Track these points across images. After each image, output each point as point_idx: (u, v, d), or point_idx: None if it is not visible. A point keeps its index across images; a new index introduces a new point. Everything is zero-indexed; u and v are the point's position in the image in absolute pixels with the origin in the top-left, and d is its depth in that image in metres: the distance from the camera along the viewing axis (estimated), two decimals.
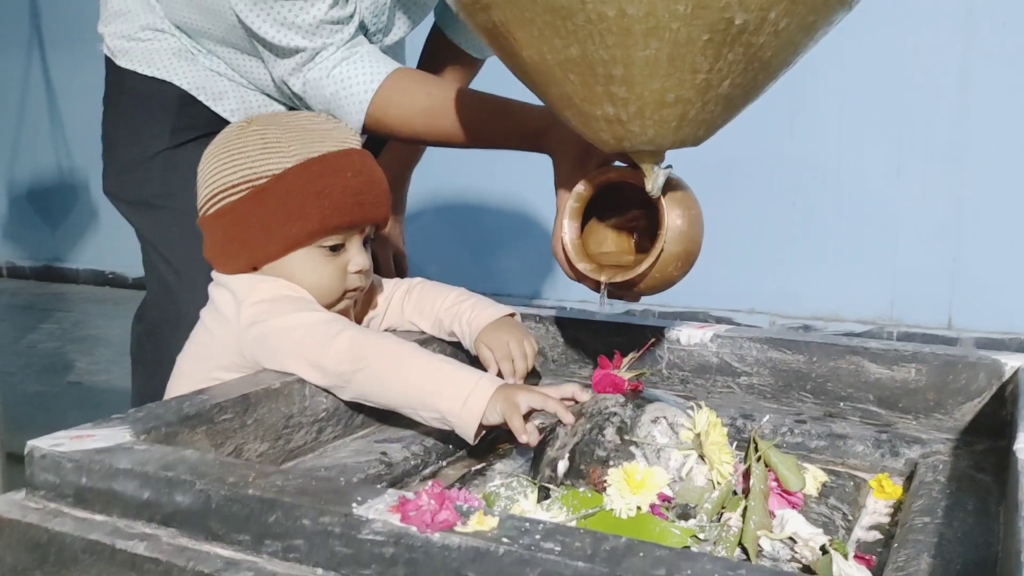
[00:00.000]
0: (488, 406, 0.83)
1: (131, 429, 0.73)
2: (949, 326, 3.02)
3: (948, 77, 2.87)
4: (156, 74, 1.22)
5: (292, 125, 0.98)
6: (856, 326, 3.15)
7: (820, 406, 1.04)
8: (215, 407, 0.80)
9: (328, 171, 0.95)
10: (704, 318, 3.36)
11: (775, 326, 3.27)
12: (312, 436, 0.90)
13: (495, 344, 1.02)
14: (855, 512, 0.84)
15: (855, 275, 3.11)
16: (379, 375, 0.87)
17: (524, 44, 0.67)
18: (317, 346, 0.88)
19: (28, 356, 3.30)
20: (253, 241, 0.96)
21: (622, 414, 0.81)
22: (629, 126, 0.68)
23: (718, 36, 0.62)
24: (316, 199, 0.94)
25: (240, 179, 0.95)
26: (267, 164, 0.95)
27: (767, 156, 3.17)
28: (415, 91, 1.10)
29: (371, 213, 0.99)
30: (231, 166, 0.96)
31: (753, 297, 3.31)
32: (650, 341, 1.08)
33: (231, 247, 0.97)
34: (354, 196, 0.96)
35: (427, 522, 0.55)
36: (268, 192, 0.94)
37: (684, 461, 0.77)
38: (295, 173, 0.94)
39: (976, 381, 0.96)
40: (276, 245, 0.95)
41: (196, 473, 0.63)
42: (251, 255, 0.96)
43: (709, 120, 0.69)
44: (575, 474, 0.79)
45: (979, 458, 0.90)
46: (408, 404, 0.87)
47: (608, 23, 0.61)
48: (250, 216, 0.95)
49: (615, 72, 0.64)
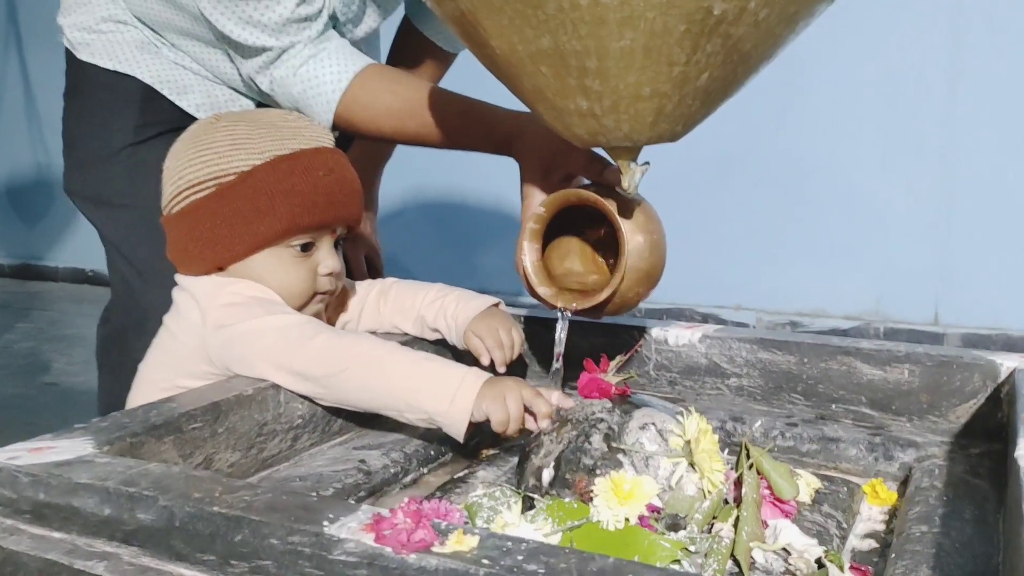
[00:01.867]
0: (475, 403, 0.80)
1: (94, 440, 0.69)
2: (936, 322, 3.01)
3: (936, 74, 2.85)
4: (118, 68, 1.17)
5: (262, 122, 0.95)
6: (843, 322, 3.13)
7: (811, 408, 1.01)
8: (184, 416, 0.76)
9: (299, 169, 0.92)
10: (690, 315, 3.34)
11: (762, 322, 3.25)
12: (287, 444, 0.86)
13: (485, 333, 1.00)
14: (849, 519, 0.81)
15: (842, 271, 3.10)
16: (360, 377, 0.83)
17: (493, 34, 0.63)
18: (291, 350, 0.84)
19: (3, 356, 3.24)
20: (219, 240, 0.91)
21: (609, 420, 0.78)
22: (604, 120, 0.65)
23: (695, 27, 0.58)
24: (285, 197, 0.91)
25: (207, 176, 0.91)
26: (235, 161, 0.91)
27: (755, 153, 3.15)
28: (382, 91, 1.06)
29: (342, 213, 0.95)
30: (198, 162, 0.92)
31: (740, 293, 3.29)
32: (637, 344, 1.05)
33: (196, 247, 0.93)
34: (325, 195, 0.93)
35: (403, 542, 0.52)
36: (236, 189, 0.91)
37: (674, 469, 0.74)
38: (264, 170, 0.91)
39: (971, 382, 0.94)
40: (243, 244, 0.91)
41: (159, 488, 0.60)
42: (217, 255, 0.92)
43: (687, 115, 0.65)
44: (561, 483, 0.76)
45: (975, 462, 0.88)
46: (392, 406, 0.84)
47: (580, 12, 0.58)
48: (217, 214, 0.91)
49: (588, 64, 0.61)
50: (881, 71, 2.91)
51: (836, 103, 3.00)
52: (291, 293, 0.93)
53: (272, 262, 0.92)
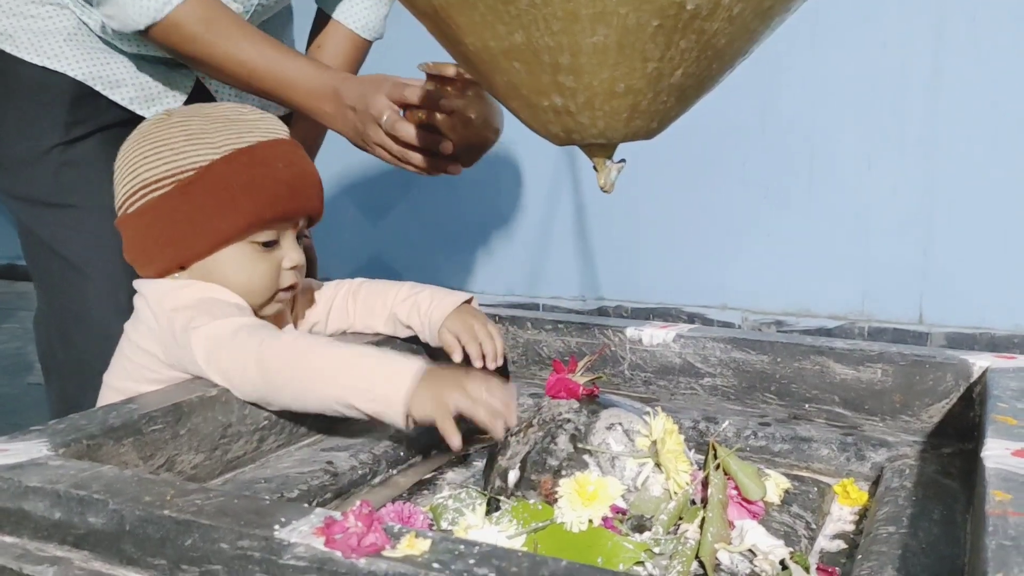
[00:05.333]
0: (415, 399, 0.75)
1: (49, 443, 0.68)
2: (920, 321, 3.01)
3: (919, 72, 2.86)
4: (46, 63, 1.13)
5: (216, 116, 0.93)
6: (828, 321, 3.13)
7: (785, 408, 1.01)
8: (144, 417, 0.75)
9: (258, 162, 0.90)
10: (676, 314, 3.34)
11: (748, 322, 3.25)
12: (253, 446, 0.85)
13: (460, 329, 0.99)
14: (819, 520, 0.81)
15: (827, 271, 3.10)
16: (296, 380, 0.80)
17: (466, 30, 0.62)
18: (231, 358, 0.82)
19: None
20: (181, 238, 0.89)
21: (576, 420, 0.77)
22: (578, 117, 0.64)
23: (669, 22, 0.58)
24: (247, 191, 0.89)
25: (164, 173, 0.89)
26: (193, 156, 0.89)
27: (739, 152, 3.15)
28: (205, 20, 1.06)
29: (304, 205, 0.94)
30: (154, 160, 0.90)
31: (725, 292, 3.28)
32: (602, 346, 1.05)
33: (156, 246, 0.91)
34: (286, 187, 0.91)
35: (353, 546, 0.51)
36: (195, 185, 0.89)
37: (640, 470, 0.73)
38: (223, 164, 0.89)
39: (944, 382, 0.93)
40: (206, 241, 0.90)
41: (110, 491, 0.59)
42: (179, 253, 0.90)
43: (662, 111, 0.65)
44: (526, 484, 0.75)
45: (946, 462, 0.87)
46: (330, 407, 0.80)
47: (553, 8, 0.57)
48: (177, 212, 0.89)
49: (562, 60, 0.60)
50: (864, 69, 2.91)
51: (819, 102, 3.00)
52: (254, 290, 0.91)
53: (236, 258, 0.91)
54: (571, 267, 3.51)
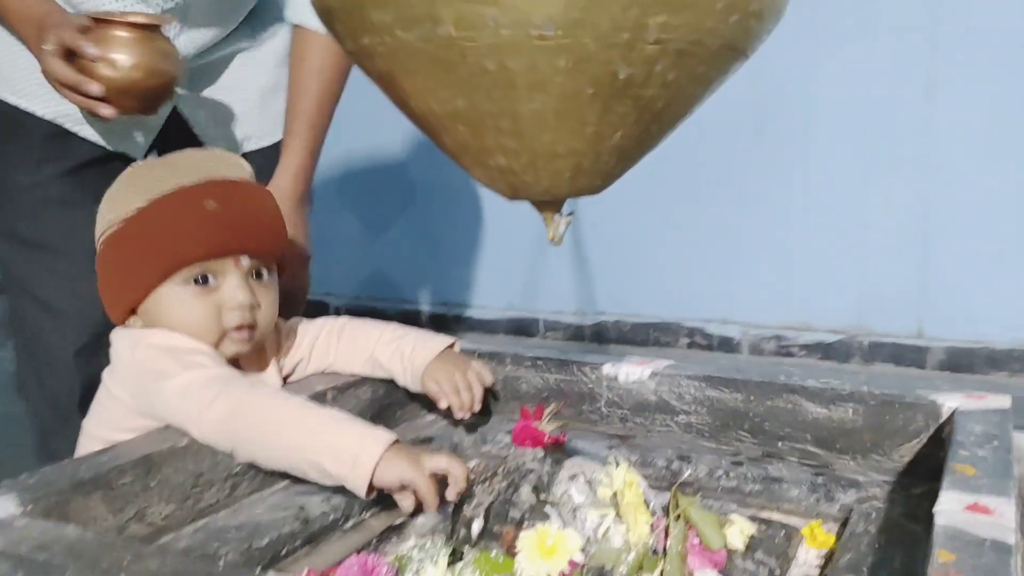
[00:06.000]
0: (382, 466, 0.80)
1: (18, 499, 0.70)
2: (919, 335, 3.01)
3: (914, 86, 2.86)
4: (18, 103, 1.17)
5: (167, 164, 0.97)
6: (827, 336, 3.13)
7: (758, 446, 1.01)
8: (113, 470, 0.76)
9: (181, 204, 0.92)
10: (676, 328, 3.34)
11: (747, 336, 3.25)
12: (225, 493, 0.87)
13: (442, 378, 1.01)
14: (784, 565, 0.81)
15: (825, 284, 3.10)
16: (261, 441, 0.83)
17: (412, 95, 0.64)
18: (192, 414, 0.84)
19: None
20: (120, 283, 0.94)
21: (539, 470, 0.78)
22: (523, 177, 0.66)
23: (604, 90, 0.59)
24: (167, 233, 0.91)
25: (108, 223, 0.94)
26: (127, 205, 0.93)
27: (734, 166, 3.15)
28: None
29: (235, 242, 0.93)
30: (104, 209, 0.95)
31: (725, 307, 3.29)
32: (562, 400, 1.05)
33: (106, 290, 0.95)
34: (211, 226, 0.92)
35: None
36: (123, 233, 0.92)
37: (600, 521, 0.74)
38: (147, 211, 0.92)
39: (914, 422, 0.94)
40: (139, 285, 0.92)
41: (72, 554, 0.60)
42: (123, 298, 0.94)
43: (605, 170, 0.66)
44: (489, 535, 0.76)
45: (914, 504, 0.88)
46: (296, 468, 0.83)
47: (491, 76, 0.59)
48: (115, 259, 0.94)
49: (503, 125, 0.62)
50: (859, 84, 2.91)
51: (815, 117, 3.00)
52: (195, 330, 0.92)
53: (172, 299, 0.92)
54: (570, 282, 3.52)
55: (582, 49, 0.58)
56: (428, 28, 0.58)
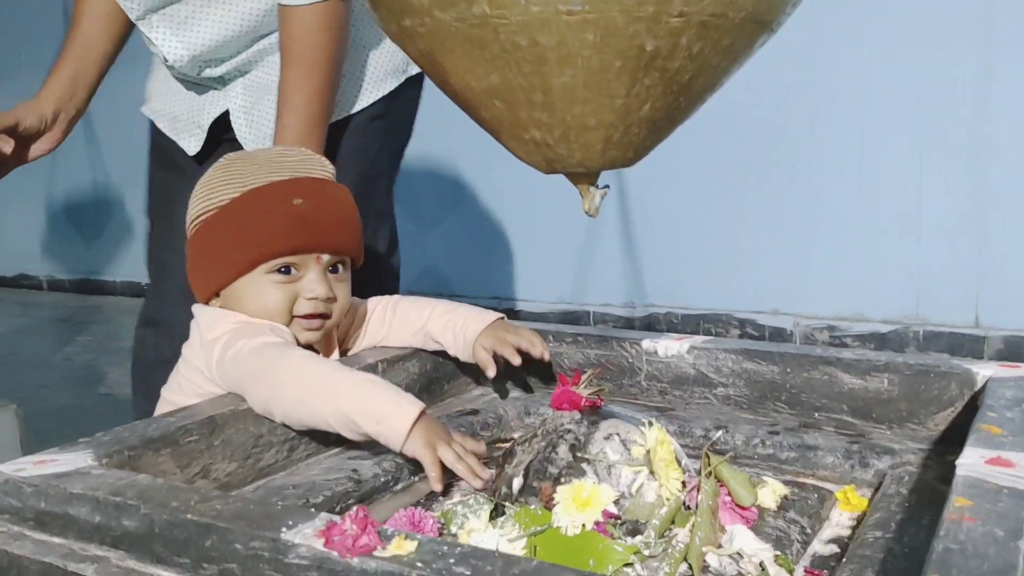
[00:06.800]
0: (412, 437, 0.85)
1: (94, 453, 0.76)
2: (977, 324, 2.96)
3: (969, 70, 2.82)
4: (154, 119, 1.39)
5: (260, 158, 1.03)
6: (881, 326, 3.10)
7: (795, 416, 1.04)
8: (180, 429, 0.82)
9: (272, 198, 0.98)
10: (727, 320, 3.34)
11: (799, 327, 3.24)
12: (284, 455, 0.92)
13: (494, 342, 1.06)
14: (815, 525, 0.84)
15: (879, 274, 3.07)
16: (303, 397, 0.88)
17: (450, 72, 0.68)
18: (246, 369, 0.90)
19: (63, 369, 3.39)
20: (208, 268, 1.01)
21: (576, 431, 0.82)
22: (557, 149, 0.69)
23: (631, 62, 0.62)
24: (258, 225, 0.98)
25: (201, 210, 1.01)
26: (222, 195, 1.00)
27: (788, 155, 3.14)
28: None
29: (319, 240, 1.00)
30: (197, 197, 1.02)
31: (776, 298, 3.27)
32: (603, 362, 1.10)
33: (195, 274, 1.03)
34: (298, 221, 0.98)
35: (348, 547, 0.56)
36: (217, 220, 0.99)
37: (635, 477, 0.78)
38: (240, 202, 0.99)
39: (948, 391, 0.96)
40: (225, 272, 0.99)
41: (143, 498, 0.66)
42: (208, 283, 1.01)
43: (636, 143, 0.69)
44: (529, 491, 0.80)
45: (947, 469, 0.89)
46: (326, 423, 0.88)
47: (522, 52, 0.62)
48: (204, 245, 1.01)
49: (535, 98, 0.65)
50: (913, 70, 2.88)
51: (869, 104, 2.98)
52: (269, 314, 0.99)
53: (253, 286, 0.99)
54: (620, 274, 3.54)
55: (609, 23, 0.61)
56: (463, 8, 0.62)
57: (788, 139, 3.11)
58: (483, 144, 0.72)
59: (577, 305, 3.63)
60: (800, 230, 3.18)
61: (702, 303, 3.38)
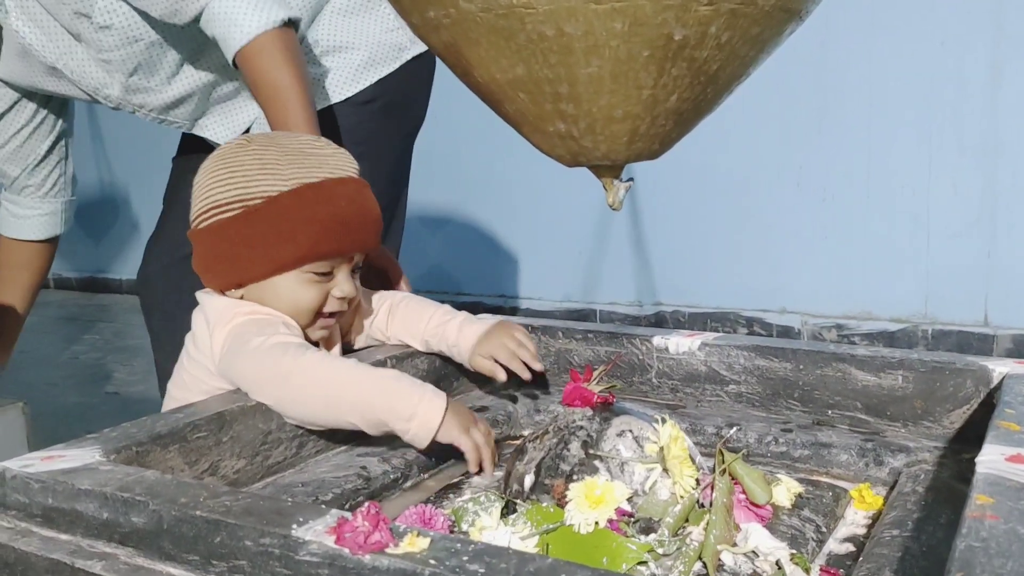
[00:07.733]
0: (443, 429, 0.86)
1: (101, 449, 0.75)
2: (986, 323, 2.95)
3: (978, 69, 2.80)
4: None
5: (291, 148, 0.98)
6: (890, 325, 3.09)
7: (808, 414, 1.03)
8: (188, 425, 0.81)
9: (322, 198, 0.95)
10: (734, 318, 3.33)
11: (807, 326, 3.22)
12: (292, 452, 0.91)
13: (494, 349, 1.03)
14: (831, 524, 0.83)
15: (888, 273, 3.05)
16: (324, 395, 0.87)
17: (474, 64, 0.67)
18: (259, 367, 0.88)
19: (70, 367, 3.39)
20: (241, 260, 0.96)
21: (588, 428, 0.81)
22: (582, 142, 0.68)
23: (659, 52, 0.61)
24: (307, 225, 0.94)
25: (233, 197, 0.95)
26: (262, 185, 0.95)
27: (796, 154, 3.13)
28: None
29: (360, 242, 0.99)
30: (227, 183, 0.96)
31: (784, 296, 3.26)
32: (615, 356, 1.09)
33: (218, 263, 0.97)
34: (345, 224, 0.96)
35: (360, 543, 0.56)
36: (260, 213, 0.94)
37: (648, 475, 0.77)
38: (289, 197, 0.94)
39: (964, 388, 0.94)
40: (264, 266, 0.95)
41: (151, 494, 0.65)
42: (238, 273, 0.97)
43: (662, 134, 0.68)
44: (540, 488, 0.79)
45: (964, 467, 0.88)
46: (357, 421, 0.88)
47: (549, 42, 0.61)
48: (240, 235, 0.95)
49: (561, 90, 0.64)
50: (922, 68, 2.86)
51: (877, 102, 2.96)
52: (299, 313, 0.97)
53: (288, 284, 0.96)
54: (628, 273, 3.53)
55: (637, 11, 0.60)
56: None
57: (796, 137, 3.10)
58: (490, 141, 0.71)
59: (584, 303, 3.62)
60: (808, 228, 3.17)
61: (709, 302, 3.37)
